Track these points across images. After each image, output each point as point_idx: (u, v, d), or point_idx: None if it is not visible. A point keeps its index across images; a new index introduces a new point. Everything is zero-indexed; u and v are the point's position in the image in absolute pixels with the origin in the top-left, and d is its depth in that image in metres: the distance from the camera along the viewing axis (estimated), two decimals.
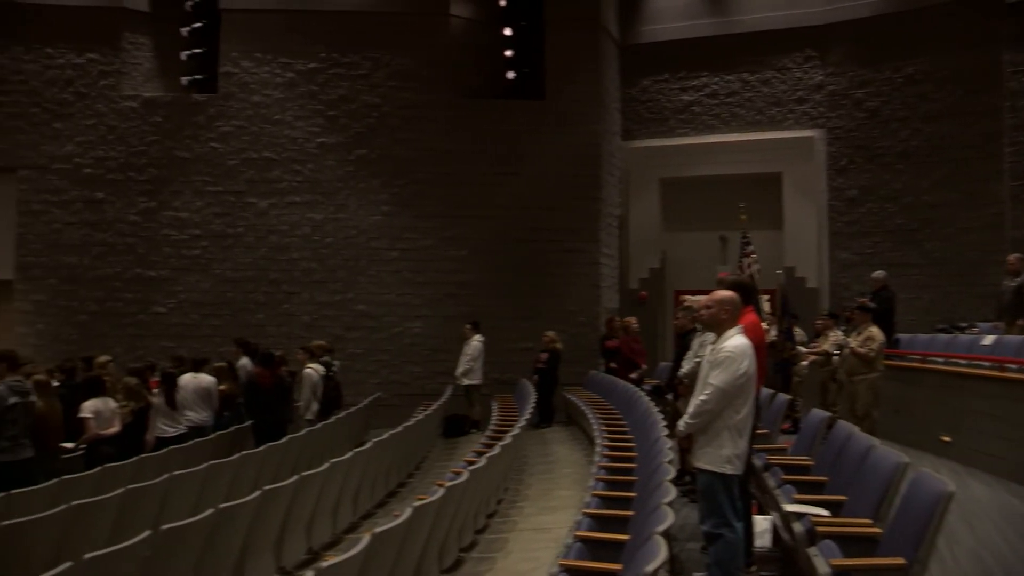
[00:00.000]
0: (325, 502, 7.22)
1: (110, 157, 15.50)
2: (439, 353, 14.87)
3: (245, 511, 5.68)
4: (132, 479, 7.38)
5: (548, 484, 9.48)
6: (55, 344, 15.06)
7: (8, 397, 7.80)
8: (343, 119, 15.42)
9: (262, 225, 15.36)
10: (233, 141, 15.43)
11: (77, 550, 5.16)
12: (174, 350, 13.81)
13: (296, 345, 12.69)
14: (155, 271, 15.41)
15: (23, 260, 15.45)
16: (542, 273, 15.24)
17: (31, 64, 15.58)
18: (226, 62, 15.54)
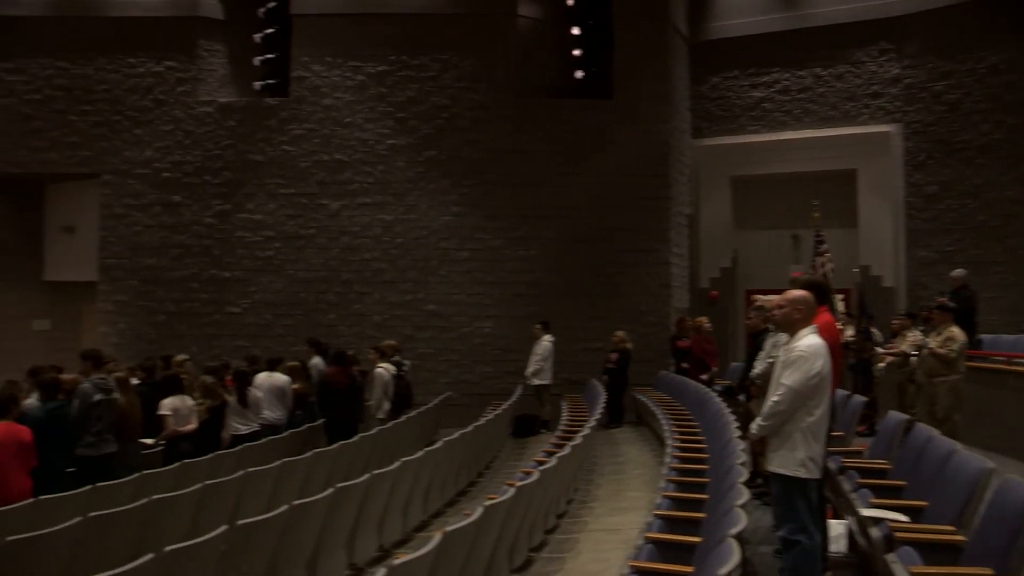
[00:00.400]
0: (396, 500, 7.27)
1: (187, 161, 15.90)
2: (509, 353, 14.89)
3: (318, 508, 5.75)
4: (209, 475, 7.54)
5: (618, 485, 9.42)
6: (135, 343, 15.52)
7: (93, 394, 8.06)
8: (412, 121, 15.55)
9: (334, 226, 15.57)
10: (305, 144, 15.68)
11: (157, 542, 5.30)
12: (248, 349, 14.10)
13: (367, 345, 12.84)
14: (230, 272, 15.74)
15: (105, 262, 15.97)
16: (612, 273, 15.14)
17: (114, 74, 16.09)
18: (298, 66, 15.80)
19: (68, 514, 5.72)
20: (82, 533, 5.44)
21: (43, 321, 16.98)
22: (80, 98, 16.12)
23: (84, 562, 5.28)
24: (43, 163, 16.19)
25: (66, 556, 5.34)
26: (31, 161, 16.17)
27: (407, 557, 4.05)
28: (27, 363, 11.83)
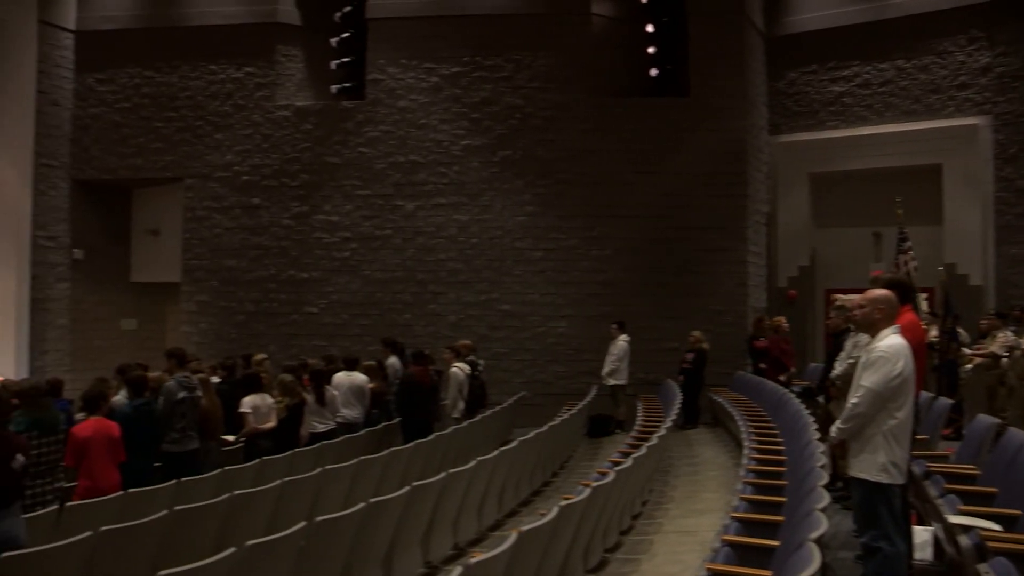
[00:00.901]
0: (471, 499, 7.31)
1: (265, 164, 16.24)
2: (583, 353, 14.85)
3: (394, 506, 5.81)
4: (287, 472, 7.67)
5: (694, 486, 9.32)
6: (216, 342, 15.93)
7: (177, 392, 8.28)
8: (487, 121, 15.61)
9: (409, 227, 15.72)
10: (381, 146, 15.87)
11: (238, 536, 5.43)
12: (325, 349, 14.34)
13: (442, 344, 12.92)
14: (307, 273, 16.02)
15: (188, 263, 16.43)
16: (687, 272, 14.97)
17: (196, 81, 16.55)
18: (373, 69, 16.00)
19: (155, 507, 5.90)
20: (168, 526, 5.60)
21: (130, 320, 17.55)
22: (165, 105, 16.62)
23: (169, 553, 5.43)
24: (131, 168, 16.75)
25: (153, 547, 5.50)
26: (120, 167, 16.75)
27: (483, 556, 4.07)
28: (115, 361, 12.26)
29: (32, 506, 6.18)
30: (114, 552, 5.21)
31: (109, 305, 17.26)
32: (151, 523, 5.50)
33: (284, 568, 4.78)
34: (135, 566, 5.20)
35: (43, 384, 7.91)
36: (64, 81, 16.68)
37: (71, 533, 5.15)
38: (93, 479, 6.90)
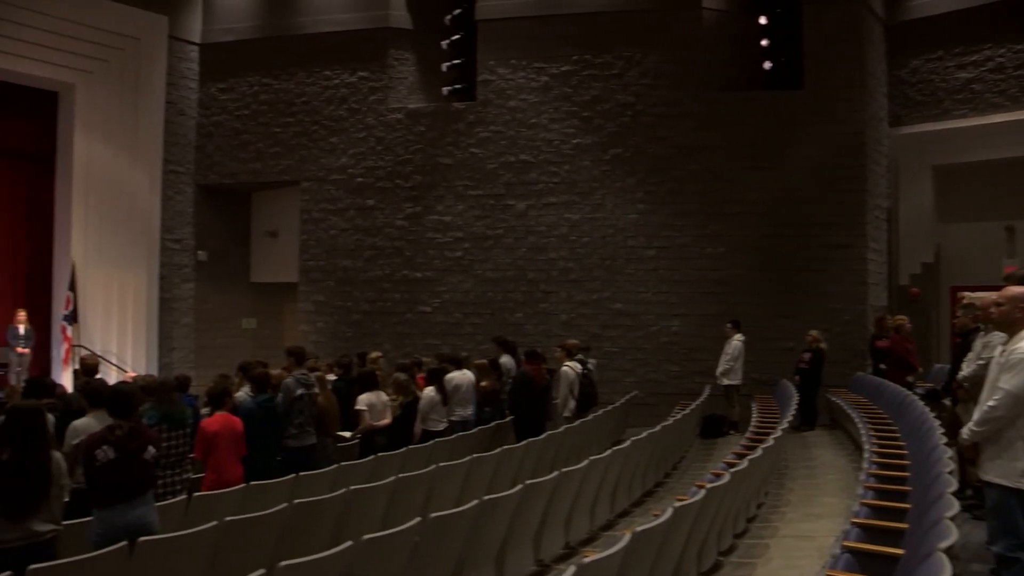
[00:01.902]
0: (583, 498, 7.26)
1: (379, 166, 16.57)
2: (697, 352, 14.61)
3: (507, 504, 5.82)
4: (401, 468, 7.78)
5: (811, 490, 9.04)
6: (332, 341, 16.33)
7: (295, 389, 8.49)
8: (597, 119, 15.52)
9: (521, 226, 15.77)
10: (492, 146, 15.97)
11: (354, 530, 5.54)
12: (438, 347, 14.51)
13: (553, 343, 12.90)
14: (421, 272, 16.26)
15: (305, 264, 16.92)
16: (804, 270, 14.54)
17: (312, 86, 17.01)
18: (483, 70, 16.12)
19: (275, 500, 6.07)
20: (287, 518, 5.75)
21: (250, 320, 18.18)
22: (282, 111, 17.16)
23: (288, 545, 5.57)
24: (250, 173, 17.36)
25: (273, 538, 5.65)
26: (240, 171, 17.38)
27: (596, 556, 4.03)
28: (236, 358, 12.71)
29: (163, 495, 6.44)
30: (237, 541, 5.39)
31: (230, 305, 17.93)
32: (271, 515, 5.66)
33: (399, 563, 4.84)
34: (256, 555, 5.35)
35: (172, 380, 8.26)
36: (189, 91, 17.44)
37: (198, 522, 5.36)
38: (219, 472, 7.18)
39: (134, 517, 5.34)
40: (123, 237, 16.22)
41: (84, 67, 15.80)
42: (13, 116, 16.02)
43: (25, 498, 4.90)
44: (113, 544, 4.83)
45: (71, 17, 15.30)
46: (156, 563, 4.90)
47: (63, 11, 15.17)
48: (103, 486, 5.36)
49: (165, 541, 5.03)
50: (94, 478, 5.37)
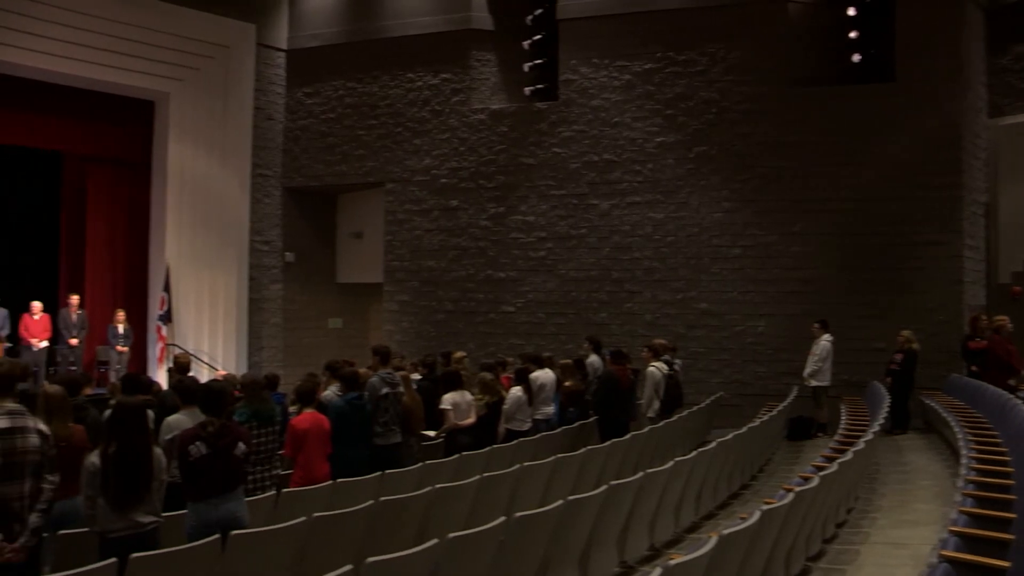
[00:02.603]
0: (668, 500, 7.18)
1: (462, 167, 16.67)
2: (783, 352, 14.31)
3: (592, 504, 5.78)
4: (486, 467, 7.80)
5: (904, 496, 8.76)
6: (416, 340, 16.49)
7: (380, 388, 8.59)
8: (681, 117, 15.33)
9: (604, 226, 15.68)
10: (574, 145, 15.92)
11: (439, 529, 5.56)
12: (522, 347, 14.52)
13: (638, 343, 12.80)
14: (504, 272, 16.31)
15: (390, 264, 17.14)
16: (895, 268, 14.09)
17: (395, 89, 17.22)
18: (565, 70, 16.07)
19: (361, 497, 6.14)
20: (373, 515, 5.81)
21: (336, 319, 18.51)
22: (367, 114, 17.41)
23: (374, 542, 5.63)
24: (336, 175, 17.66)
25: (359, 535, 5.72)
26: (326, 174, 17.70)
27: (682, 558, 3.96)
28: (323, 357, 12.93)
29: (252, 491, 6.58)
30: (324, 537, 5.46)
31: (317, 305, 18.27)
32: (358, 512, 5.73)
33: (484, 561, 4.85)
34: (343, 551, 5.42)
35: (261, 378, 8.42)
36: (277, 97, 17.83)
37: (287, 517, 5.46)
38: (308, 469, 7.30)
39: (225, 511, 5.48)
40: (214, 239, 16.67)
41: (178, 76, 16.29)
42: (113, 125, 16.64)
43: (130, 490, 5.10)
44: (206, 536, 4.96)
45: (165, 29, 15.80)
46: (247, 556, 5.01)
47: (157, 23, 15.68)
48: (196, 481, 5.52)
49: (255, 535, 5.14)
50: (187, 473, 5.53)
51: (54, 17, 14.41)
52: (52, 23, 14.41)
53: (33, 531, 4.83)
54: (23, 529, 4.78)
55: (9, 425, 4.81)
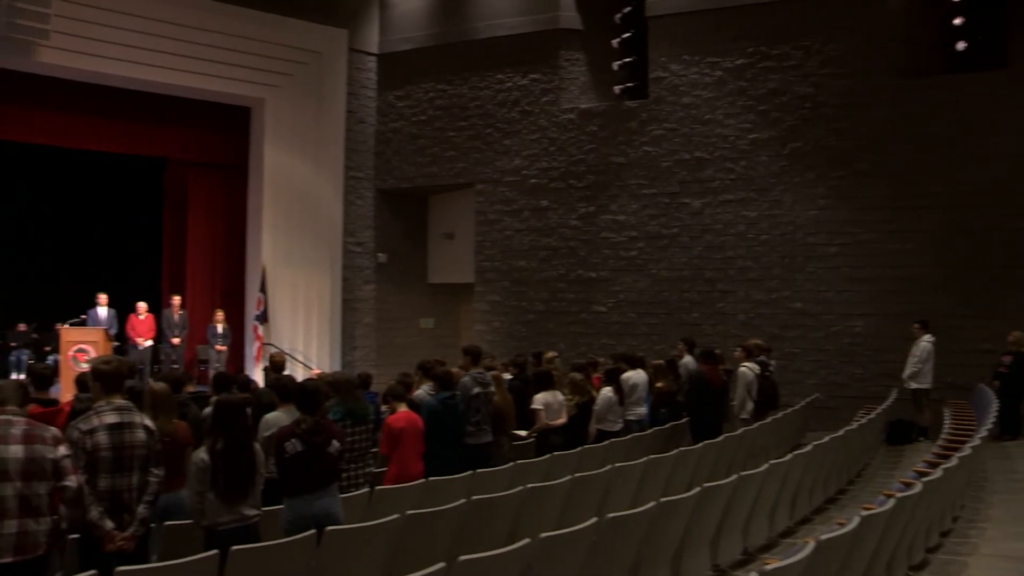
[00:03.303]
0: (762, 503, 7.02)
1: (552, 167, 16.66)
2: (882, 353, 13.86)
3: (684, 506, 5.70)
4: (577, 468, 7.75)
5: (1017, 506, 8.36)
6: (507, 340, 16.55)
7: (472, 387, 8.64)
8: (775, 113, 15.01)
9: (696, 225, 15.47)
10: (665, 144, 15.75)
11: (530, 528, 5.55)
12: (613, 347, 14.42)
13: (731, 344, 12.59)
14: (595, 272, 16.24)
15: (480, 265, 17.25)
16: (1003, 266, 13.44)
17: (485, 91, 17.32)
18: (655, 67, 15.91)
19: (453, 496, 6.18)
20: (465, 514, 5.84)
21: (428, 319, 18.71)
22: (457, 115, 17.55)
23: (466, 540, 5.65)
24: (427, 177, 17.86)
25: (451, 533, 5.75)
26: (417, 176, 17.90)
27: (777, 563, 3.87)
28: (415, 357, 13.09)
29: (346, 488, 6.67)
30: (417, 535, 5.51)
31: (409, 305, 18.50)
32: (450, 510, 5.77)
33: (575, 562, 4.82)
34: (435, 549, 5.46)
35: (355, 377, 8.57)
36: (368, 100, 18.13)
37: (380, 514, 5.54)
38: (402, 466, 7.40)
39: (320, 507, 5.60)
40: (309, 241, 17.02)
41: (273, 82, 16.69)
42: (212, 131, 17.16)
43: (237, 484, 5.31)
44: (302, 532, 5.07)
45: (260, 37, 16.23)
46: (341, 552, 5.10)
47: (253, 32, 16.12)
48: (292, 477, 5.65)
49: (349, 531, 5.22)
50: (283, 469, 5.67)
51: (156, 30, 14.96)
52: (155, 36, 14.96)
53: (141, 521, 5.03)
54: (132, 519, 4.98)
55: (118, 420, 5.01)
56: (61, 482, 4.57)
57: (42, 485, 4.49)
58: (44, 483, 4.50)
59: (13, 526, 4.37)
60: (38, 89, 14.99)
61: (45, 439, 4.58)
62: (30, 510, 4.43)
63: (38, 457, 4.50)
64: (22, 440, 4.49)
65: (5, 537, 4.35)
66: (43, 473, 4.50)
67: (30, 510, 4.43)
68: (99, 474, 4.88)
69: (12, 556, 4.34)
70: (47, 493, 4.51)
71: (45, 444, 4.56)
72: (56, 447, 4.60)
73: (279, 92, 16.81)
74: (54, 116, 15.49)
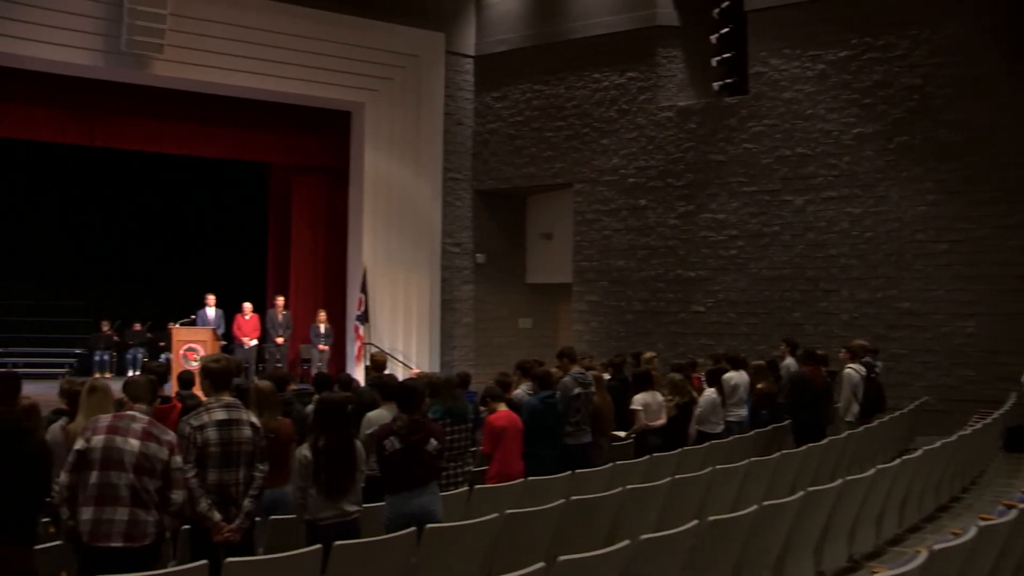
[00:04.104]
0: (869, 509, 6.82)
1: (650, 166, 16.52)
2: (998, 355, 13.26)
3: (787, 510, 5.58)
4: (677, 469, 7.68)
5: None
6: (606, 341, 16.48)
7: (572, 387, 8.63)
8: (880, 106, 14.53)
9: (798, 222, 15.12)
10: (766, 140, 15.44)
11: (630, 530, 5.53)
12: (712, 348, 14.22)
13: (834, 344, 12.26)
14: (694, 272, 16.03)
15: (579, 265, 17.22)
16: None
17: (582, 90, 17.28)
18: (755, 62, 15.60)
19: (552, 496, 6.18)
20: (564, 514, 5.84)
21: (526, 320, 18.78)
22: (554, 115, 17.56)
23: (565, 540, 5.65)
24: (524, 177, 17.92)
25: (550, 533, 5.76)
26: (515, 176, 17.99)
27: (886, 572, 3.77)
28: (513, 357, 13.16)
29: (445, 486, 6.75)
30: (516, 534, 5.53)
31: (507, 305, 18.60)
32: (549, 510, 5.78)
33: (676, 565, 4.77)
34: (533, 549, 5.48)
35: (454, 377, 8.67)
36: (466, 102, 18.30)
37: (479, 513, 5.58)
38: (503, 465, 7.46)
39: (419, 505, 5.68)
40: (408, 242, 17.28)
41: (372, 87, 17.02)
42: (314, 135, 17.61)
43: (339, 480, 5.45)
44: (402, 529, 5.16)
45: (360, 43, 16.56)
46: (440, 549, 5.15)
47: (353, 38, 16.46)
48: (391, 474, 5.76)
49: (448, 529, 5.28)
50: (383, 466, 5.78)
51: (261, 40, 15.47)
52: (259, 45, 15.47)
53: (247, 515, 5.21)
54: (238, 512, 5.17)
55: (226, 417, 5.20)
56: (169, 492, 4.78)
57: (152, 482, 4.72)
58: (154, 480, 4.72)
59: (124, 513, 4.62)
60: (152, 100, 15.69)
61: (161, 441, 4.81)
62: (140, 502, 4.67)
63: (152, 455, 4.72)
64: (140, 436, 4.74)
65: (116, 523, 4.60)
66: (153, 471, 4.73)
67: (140, 502, 4.67)
68: (208, 468, 5.10)
69: (122, 542, 4.60)
70: (156, 490, 4.73)
71: (160, 445, 4.79)
72: (171, 454, 4.82)
73: (378, 96, 17.12)
74: (167, 125, 16.18)
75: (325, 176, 18.11)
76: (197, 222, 20.78)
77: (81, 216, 20.11)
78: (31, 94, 14.86)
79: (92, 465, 4.62)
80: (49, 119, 15.39)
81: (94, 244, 20.17)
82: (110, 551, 4.54)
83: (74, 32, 14.02)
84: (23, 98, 14.86)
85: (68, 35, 13.98)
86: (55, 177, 19.42)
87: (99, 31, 14.14)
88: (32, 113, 15.16)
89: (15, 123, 15.10)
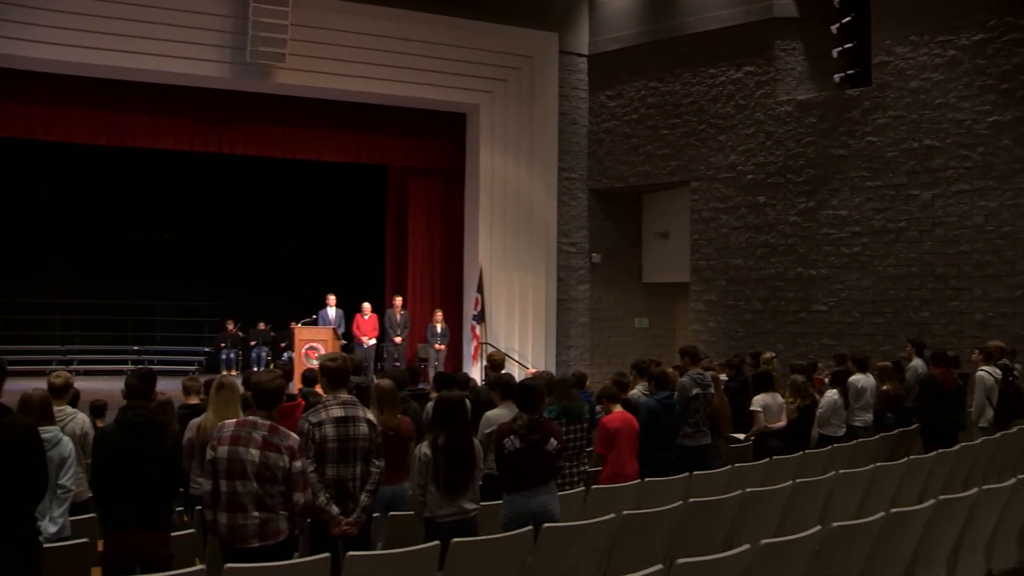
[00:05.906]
0: (1008, 522, 6.46)
1: (769, 162, 16.14)
2: None
3: (917, 519, 5.34)
4: (798, 473, 7.49)
5: None
6: (724, 341, 16.19)
7: (691, 388, 8.53)
8: (1020, 92, 13.75)
9: (926, 218, 14.51)
10: (890, 132, 14.87)
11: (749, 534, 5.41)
12: (834, 348, 13.80)
13: (966, 345, 11.74)
14: (815, 270, 15.58)
15: (696, 264, 16.97)
16: None
17: (698, 86, 17.02)
18: (879, 52, 15.04)
19: (669, 497, 6.12)
20: (681, 516, 5.76)
21: (642, 319, 18.63)
22: (669, 113, 17.35)
23: (682, 543, 5.58)
24: (640, 175, 17.76)
25: (667, 535, 5.69)
26: (630, 175, 17.85)
27: None
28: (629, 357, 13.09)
29: (562, 486, 6.76)
30: (633, 535, 5.48)
31: (623, 304, 18.49)
32: (667, 512, 5.71)
33: (797, 571, 4.63)
34: (651, 550, 5.43)
35: (570, 377, 8.67)
36: (580, 101, 18.27)
37: (596, 513, 5.56)
38: (617, 466, 7.41)
39: (537, 504, 5.70)
40: (524, 242, 17.37)
41: (487, 88, 17.19)
42: (430, 138, 17.91)
43: (458, 478, 5.54)
44: (519, 527, 5.19)
45: (474, 45, 16.77)
46: (557, 549, 5.15)
47: (467, 40, 16.67)
48: (509, 473, 5.79)
49: (566, 529, 5.27)
50: (502, 465, 5.83)
51: (378, 45, 15.84)
52: (376, 51, 15.85)
53: (363, 509, 5.36)
54: (355, 506, 5.33)
55: (343, 414, 5.35)
56: (291, 495, 4.93)
57: (274, 487, 4.89)
58: (276, 486, 4.89)
59: (255, 518, 4.83)
60: (275, 107, 16.32)
61: (280, 448, 4.93)
62: (266, 507, 4.86)
63: (271, 464, 4.88)
64: (260, 446, 4.89)
65: (250, 527, 4.82)
66: (275, 479, 4.89)
67: (266, 507, 4.86)
68: (326, 463, 5.27)
69: (258, 542, 4.82)
70: (279, 493, 4.91)
71: (280, 453, 4.91)
72: (292, 460, 4.94)
73: (493, 97, 17.28)
74: (290, 132, 16.83)
75: (441, 177, 18.43)
76: (319, 225, 21.46)
77: (210, 220, 21.07)
78: (162, 106, 15.75)
79: (220, 475, 4.86)
80: (182, 129, 16.23)
81: (223, 247, 21.08)
82: (249, 550, 4.78)
83: (202, 46, 14.78)
84: (161, 110, 15.80)
85: (197, 49, 14.76)
86: (190, 186, 20.53)
87: (225, 44, 14.83)
88: (163, 123, 16.06)
89: (153, 135, 16.12)
